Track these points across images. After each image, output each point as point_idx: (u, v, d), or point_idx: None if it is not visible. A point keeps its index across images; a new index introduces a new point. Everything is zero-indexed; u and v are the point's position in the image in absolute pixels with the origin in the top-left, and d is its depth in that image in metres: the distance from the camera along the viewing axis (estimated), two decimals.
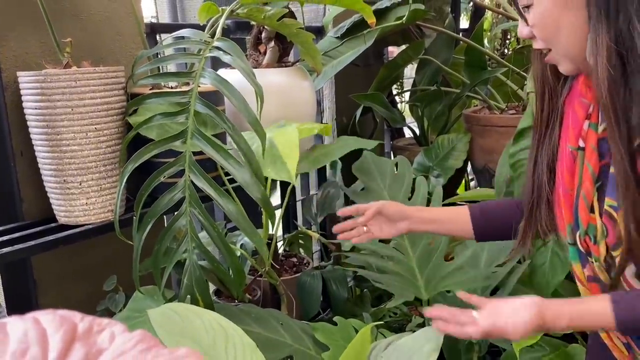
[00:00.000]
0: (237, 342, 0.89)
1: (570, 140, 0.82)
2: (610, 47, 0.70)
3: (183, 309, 0.92)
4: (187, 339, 0.87)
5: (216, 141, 1.00)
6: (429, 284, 1.22)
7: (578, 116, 0.81)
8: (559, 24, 0.74)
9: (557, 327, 0.74)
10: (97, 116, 1.03)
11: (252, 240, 1.00)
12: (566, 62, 0.77)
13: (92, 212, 1.07)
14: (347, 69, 1.96)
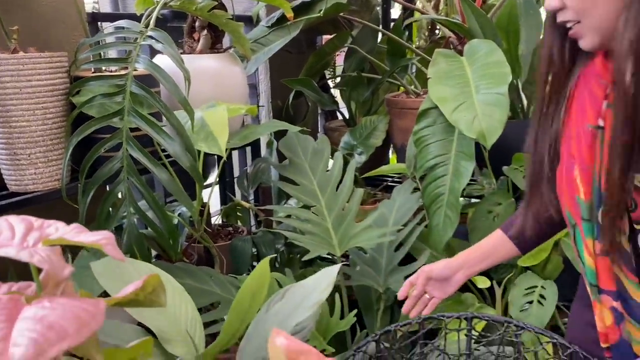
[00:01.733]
0: (167, 287, 1.06)
1: (590, 119, 0.82)
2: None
3: (119, 264, 1.06)
4: (124, 283, 1.03)
5: (150, 118, 1.16)
6: (342, 242, 1.42)
7: (596, 96, 0.81)
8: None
9: None
10: (43, 96, 1.17)
11: (181, 201, 1.17)
12: (593, 36, 0.77)
13: (41, 181, 1.21)
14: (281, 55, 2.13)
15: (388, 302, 1.55)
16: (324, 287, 1.01)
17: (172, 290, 1.04)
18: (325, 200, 1.48)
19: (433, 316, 1.13)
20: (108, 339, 0.95)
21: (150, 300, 0.55)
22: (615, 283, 0.85)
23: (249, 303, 0.93)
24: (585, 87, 0.84)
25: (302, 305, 1.03)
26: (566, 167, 0.86)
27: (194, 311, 1.04)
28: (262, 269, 0.88)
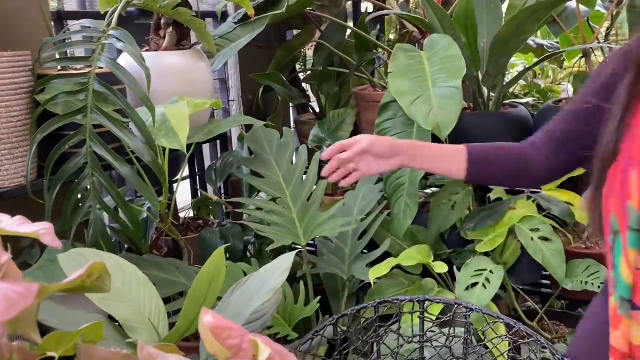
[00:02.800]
0: (132, 279, 1.09)
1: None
2: None
3: (88, 252, 1.10)
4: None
5: (113, 115, 1.20)
6: (307, 231, 1.47)
7: None
8: None
9: None
10: (7, 95, 1.20)
11: (145, 196, 1.21)
12: None
13: (6, 178, 1.24)
14: (251, 50, 2.16)
15: (353, 289, 1.61)
16: (280, 272, 1.06)
17: (136, 281, 1.08)
18: (290, 191, 1.53)
19: (387, 299, 1.19)
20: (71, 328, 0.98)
21: (97, 286, 0.59)
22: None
23: (207, 290, 0.97)
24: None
25: (261, 291, 1.07)
26: (622, 169, 0.78)
27: (157, 300, 1.08)
28: (217, 257, 0.93)
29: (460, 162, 0.98)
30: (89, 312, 1.40)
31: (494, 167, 0.99)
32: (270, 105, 2.30)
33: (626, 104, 0.79)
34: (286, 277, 1.04)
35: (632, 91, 0.79)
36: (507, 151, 1.00)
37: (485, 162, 0.99)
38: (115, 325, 1.08)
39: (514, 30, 1.61)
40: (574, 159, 0.96)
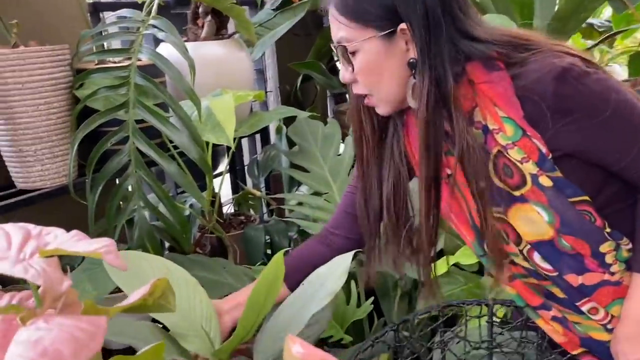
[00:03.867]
0: (181, 281, 1.03)
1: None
2: (429, 90, 0.79)
3: (134, 255, 1.04)
4: (137, 279, 1.01)
5: (156, 109, 1.13)
6: None
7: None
8: (381, 70, 0.82)
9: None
10: (45, 91, 1.14)
11: (190, 193, 1.15)
12: (385, 105, 0.86)
13: (48, 177, 1.19)
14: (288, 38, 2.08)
15: (405, 288, 1.52)
16: (338, 275, 0.98)
17: (185, 284, 1.02)
18: (337, 186, 1.45)
19: (453, 303, 1.10)
20: (121, 338, 0.93)
21: (159, 305, 0.52)
22: (539, 296, 0.93)
23: (265, 297, 0.90)
24: (414, 142, 0.91)
25: (318, 295, 1.00)
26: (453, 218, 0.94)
27: (208, 305, 1.01)
28: (276, 263, 0.85)
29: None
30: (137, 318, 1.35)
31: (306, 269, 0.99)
32: (308, 95, 2.23)
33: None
34: (344, 280, 0.96)
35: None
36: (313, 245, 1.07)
37: (298, 272, 1.00)
38: (166, 333, 1.01)
39: (574, 8, 1.50)
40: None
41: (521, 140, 0.82)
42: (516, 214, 0.86)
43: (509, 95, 0.80)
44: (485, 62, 0.82)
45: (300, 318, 0.98)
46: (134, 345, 0.94)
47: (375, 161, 0.95)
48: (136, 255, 1.04)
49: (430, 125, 0.81)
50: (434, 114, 0.81)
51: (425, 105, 0.80)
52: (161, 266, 1.03)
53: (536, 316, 0.97)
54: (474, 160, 0.83)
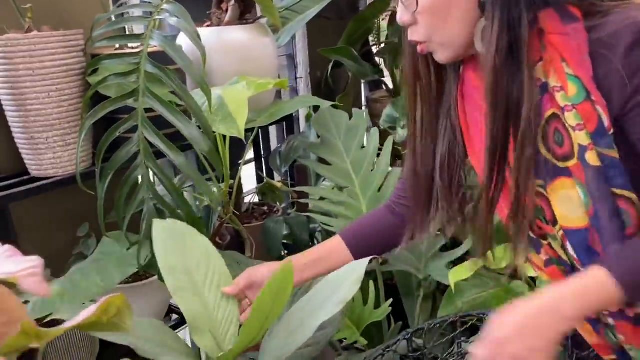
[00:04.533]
0: (215, 273, 0.95)
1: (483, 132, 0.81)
2: (501, 35, 0.71)
3: (183, 227, 0.95)
4: (175, 255, 0.92)
5: (166, 98, 1.09)
6: None
7: (483, 109, 0.80)
8: (449, 9, 0.74)
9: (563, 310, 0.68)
10: (57, 77, 1.12)
11: (197, 185, 1.11)
12: (446, 50, 0.77)
13: (60, 165, 1.17)
14: (320, 23, 2.01)
15: (429, 289, 1.45)
16: (352, 282, 0.92)
17: (218, 276, 0.94)
18: (359, 180, 1.38)
19: (472, 313, 1.02)
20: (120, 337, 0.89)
21: (114, 324, 0.47)
22: None
23: (271, 305, 0.84)
24: (471, 100, 0.83)
25: (329, 301, 0.94)
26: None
27: (233, 304, 0.96)
28: (284, 274, 0.80)
29: (343, 251, 0.98)
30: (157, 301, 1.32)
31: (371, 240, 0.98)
32: (340, 82, 2.15)
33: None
34: (358, 287, 0.90)
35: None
36: (380, 214, 1.01)
37: (363, 238, 0.98)
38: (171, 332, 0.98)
39: None
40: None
41: (582, 104, 0.72)
42: (557, 190, 0.77)
43: (581, 51, 0.71)
44: (562, 11, 0.72)
45: (309, 324, 0.93)
46: (135, 345, 0.91)
47: (429, 119, 0.87)
48: (184, 227, 0.96)
49: (499, 74, 0.72)
50: (505, 61, 0.72)
51: (494, 52, 0.71)
52: (203, 248, 0.95)
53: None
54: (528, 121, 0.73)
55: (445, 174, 0.89)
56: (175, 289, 0.91)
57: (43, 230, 1.31)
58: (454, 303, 1.37)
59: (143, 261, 1.14)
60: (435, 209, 0.94)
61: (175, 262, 0.92)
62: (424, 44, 0.78)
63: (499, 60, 0.72)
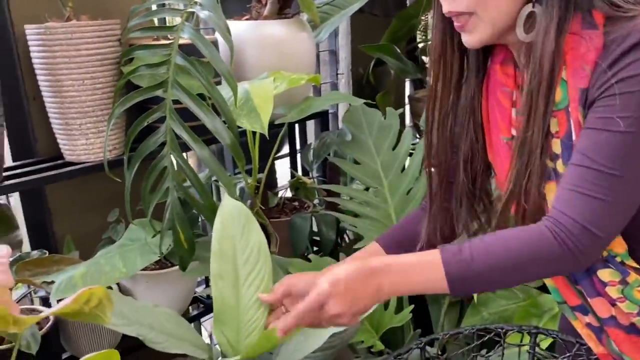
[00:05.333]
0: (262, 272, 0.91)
1: (503, 131, 0.81)
2: (549, 25, 0.69)
3: (248, 215, 0.93)
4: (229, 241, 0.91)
5: (193, 91, 1.10)
6: None
7: (504, 106, 0.80)
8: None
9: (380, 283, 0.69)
10: (92, 66, 1.15)
11: (221, 181, 1.11)
12: (484, 30, 0.73)
13: (92, 151, 1.21)
14: (365, 19, 1.98)
15: (456, 298, 1.41)
16: None
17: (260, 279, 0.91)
18: (388, 181, 1.35)
19: (490, 327, 0.98)
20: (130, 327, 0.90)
21: (95, 314, 0.48)
22: (578, 296, 0.81)
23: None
24: (493, 97, 0.82)
25: None
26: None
27: (264, 313, 0.90)
28: None
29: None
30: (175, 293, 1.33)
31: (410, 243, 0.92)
32: (383, 80, 2.11)
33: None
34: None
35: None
36: (415, 216, 0.96)
37: (401, 243, 0.93)
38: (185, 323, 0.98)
39: None
40: None
41: (561, 112, 0.71)
42: (549, 192, 0.75)
43: (584, 60, 0.69)
44: (586, 16, 0.70)
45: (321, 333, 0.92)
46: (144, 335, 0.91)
47: (452, 110, 0.84)
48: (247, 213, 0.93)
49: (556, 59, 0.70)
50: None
51: (542, 41, 0.69)
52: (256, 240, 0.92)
53: (573, 317, 0.86)
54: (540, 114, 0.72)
55: (468, 170, 0.87)
56: (215, 274, 0.90)
57: (76, 213, 1.36)
58: (479, 313, 1.33)
59: (165, 250, 1.16)
60: (458, 204, 0.91)
61: (227, 248, 0.91)
62: (462, 18, 0.73)
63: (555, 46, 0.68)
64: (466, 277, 0.68)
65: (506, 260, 0.68)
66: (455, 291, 0.69)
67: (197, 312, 1.54)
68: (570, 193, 0.68)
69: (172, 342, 0.91)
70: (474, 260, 0.68)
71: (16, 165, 1.22)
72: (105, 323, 0.49)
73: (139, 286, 1.29)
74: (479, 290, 0.77)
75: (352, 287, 0.69)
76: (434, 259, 0.69)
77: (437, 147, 0.87)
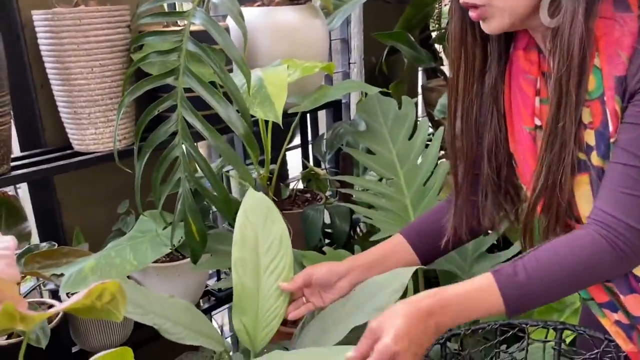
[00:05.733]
0: (283, 261, 0.93)
1: (525, 120, 0.78)
2: (576, 9, 0.65)
3: (271, 207, 0.96)
4: (252, 230, 0.93)
5: (205, 78, 1.07)
6: None
7: (527, 94, 0.77)
8: None
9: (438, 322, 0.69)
10: (101, 52, 1.12)
11: (236, 168, 1.08)
12: (505, 17, 0.70)
13: (101, 141, 1.18)
14: (378, 6, 1.94)
15: None
16: (393, 289, 0.87)
17: (281, 268, 0.93)
18: (404, 172, 1.31)
19: (513, 322, 0.95)
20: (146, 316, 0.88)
21: (107, 310, 0.45)
22: (606, 292, 0.80)
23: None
24: (515, 84, 0.79)
25: (365, 307, 0.90)
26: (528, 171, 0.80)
27: (284, 302, 0.93)
28: None
29: (406, 250, 0.92)
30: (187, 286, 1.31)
31: (436, 237, 0.91)
32: (396, 69, 2.07)
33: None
34: (398, 297, 0.85)
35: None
36: (442, 209, 0.93)
37: (427, 237, 0.92)
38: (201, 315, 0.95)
39: None
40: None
41: (595, 101, 0.68)
42: (578, 185, 0.73)
43: (619, 45, 0.65)
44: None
45: (342, 327, 0.89)
46: (159, 325, 0.89)
47: (476, 100, 0.82)
48: (270, 205, 0.96)
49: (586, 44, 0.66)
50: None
51: (570, 25, 0.66)
52: (278, 236, 0.94)
53: (601, 314, 0.85)
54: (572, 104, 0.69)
55: (493, 161, 0.84)
56: (236, 260, 0.91)
57: (86, 204, 1.33)
58: None
59: (176, 242, 1.13)
60: (484, 197, 0.88)
61: (249, 235, 0.92)
62: (480, 8, 0.71)
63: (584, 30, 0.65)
64: (524, 299, 0.68)
65: (562, 276, 0.68)
66: (511, 313, 0.69)
67: (208, 305, 1.52)
68: (614, 193, 0.66)
69: (187, 333, 0.89)
70: (531, 280, 0.67)
71: (24, 155, 1.20)
72: (118, 319, 0.45)
73: (150, 279, 1.27)
74: (536, 307, 0.75)
75: (414, 337, 0.67)
76: (488, 285, 0.68)
77: (461, 138, 0.85)
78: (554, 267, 0.68)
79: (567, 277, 0.68)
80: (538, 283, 0.68)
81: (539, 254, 0.69)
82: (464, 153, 0.86)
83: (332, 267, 0.91)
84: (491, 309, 0.69)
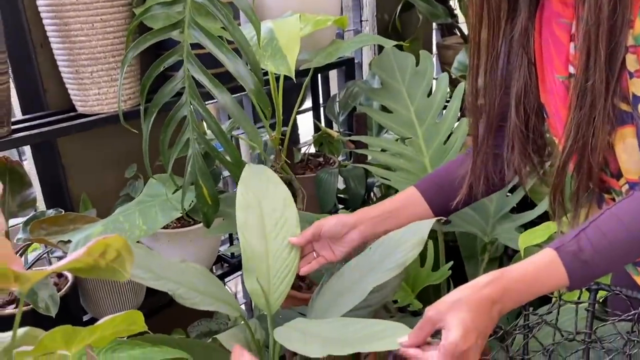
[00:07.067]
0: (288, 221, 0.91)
1: (558, 69, 0.73)
2: None
3: (270, 174, 0.94)
4: (254, 194, 0.91)
5: (212, 31, 1.00)
6: None
7: (561, 40, 0.71)
8: None
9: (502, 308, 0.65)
10: (102, 7, 1.05)
11: (245, 130, 1.02)
12: None
13: (105, 102, 1.12)
14: None
15: (495, 254, 1.32)
16: (412, 244, 0.82)
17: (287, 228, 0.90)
18: (423, 130, 1.25)
19: None
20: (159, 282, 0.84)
21: (112, 269, 0.40)
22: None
23: None
24: (547, 30, 0.73)
25: (384, 263, 0.85)
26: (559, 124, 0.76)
27: (294, 258, 0.89)
28: None
29: (420, 203, 0.88)
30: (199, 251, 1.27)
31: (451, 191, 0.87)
32: (410, 26, 1.98)
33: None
34: (418, 252, 0.80)
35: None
36: (459, 163, 0.88)
37: (442, 189, 0.88)
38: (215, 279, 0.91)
39: None
40: None
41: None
42: (621, 137, 0.68)
43: None
44: None
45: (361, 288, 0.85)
46: (173, 290, 0.86)
47: (502, 52, 0.77)
48: (270, 175, 0.94)
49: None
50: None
51: None
52: (281, 198, 0.92)
53: (635, 272, 0.83)
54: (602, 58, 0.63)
55: (520, 112, 0.78)
56: (242, 225, 0.88)
57: (92, 169, 1.29)
58: None
59: (187, 206, 1.08)
60: (509, 149, 0.83)
61: (251, 200, 0.90)
62: None
63: None
64: (589, 274, 0.65)
65: (630, 246, 0.64)
66: (573, 288, 0.66)
67: (221, 271, 1.48)
68: None
69: (202, 298, 0.85)
70: (598, 255, 0.64)
71: (25, 118, 1.15)
72: (124, 278, 0.41)
73: (160, 245, 1.23)
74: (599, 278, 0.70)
75: (481, 330, 0.63)
76: (552, 264, 0.64)
77: (483, 94, 0.80)
78: (620, 236, 0.63)
79: (634, 245, 0.64)
80: (605, 256, 0.64)
81: (602, 224, 0.65)
82: (488, 106, 0.81)
83: (341, 218, 0.87)
84: (554, 287, 0.66)
